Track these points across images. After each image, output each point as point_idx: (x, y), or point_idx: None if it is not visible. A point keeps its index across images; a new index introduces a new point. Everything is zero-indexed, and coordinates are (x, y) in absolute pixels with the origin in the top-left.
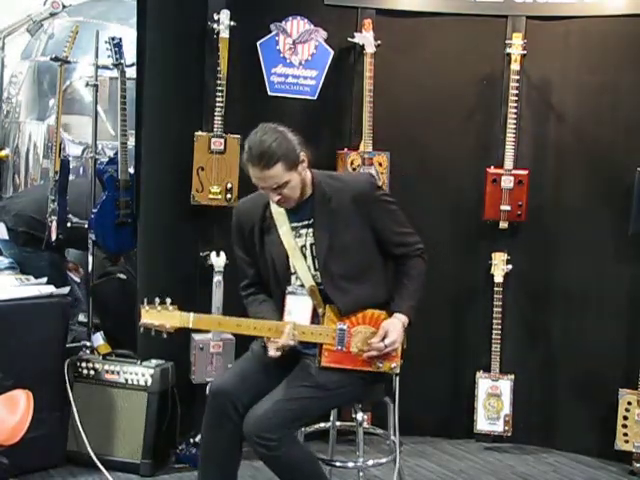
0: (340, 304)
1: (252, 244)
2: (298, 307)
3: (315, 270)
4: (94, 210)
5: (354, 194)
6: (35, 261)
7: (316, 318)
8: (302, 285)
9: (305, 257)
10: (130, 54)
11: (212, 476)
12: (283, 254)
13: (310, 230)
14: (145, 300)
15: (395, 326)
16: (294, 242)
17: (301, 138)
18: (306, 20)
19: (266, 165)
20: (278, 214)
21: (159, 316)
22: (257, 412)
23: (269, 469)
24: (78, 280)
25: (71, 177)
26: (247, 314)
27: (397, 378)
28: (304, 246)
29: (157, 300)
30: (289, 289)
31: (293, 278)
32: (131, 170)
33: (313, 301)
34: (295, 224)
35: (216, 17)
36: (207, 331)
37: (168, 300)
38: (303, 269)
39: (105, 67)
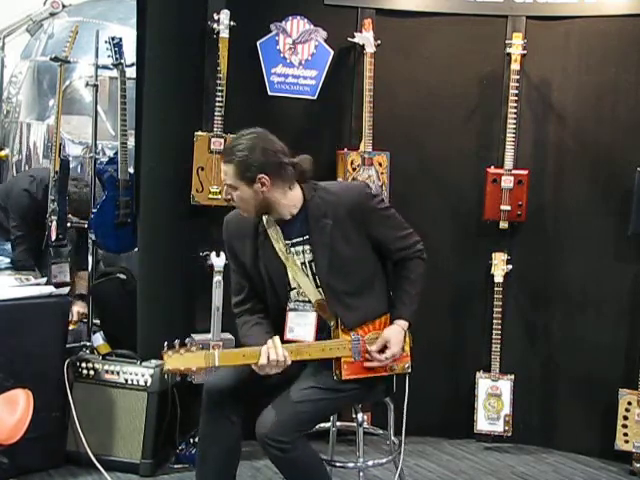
0: (346, 321)
1: (244, 260)
2: (301, 324)
3: (317, 287)
4: (94, 210)
5: (349, 208)
6: None
7: (321, 333)
8: (304, 301)
9: (306, 274)
10: (130, 54)
11: (209, 476)
12: (281, 270)
13: (307, 247)
14: (165, 345)
15: (397, 336)
16: (292, 258)
17: (293, 158)
18: (306, 20)
19: (225, 159)
20: (272, 230)
21: (184, 360)
22: (270, 414)
23: (278, 470)
24: None
25: None
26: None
27: (407, 378)
28: (303, 263)
29: (177, 342)
30: (290, 305)
31: (293, 294)
32: (131, 170)
33: (323, 315)
34: (288, 241)
35: (216, 17)
36: (208, 331)
37: (188, 340)
38: (307, 285)
39: (105, 67)
